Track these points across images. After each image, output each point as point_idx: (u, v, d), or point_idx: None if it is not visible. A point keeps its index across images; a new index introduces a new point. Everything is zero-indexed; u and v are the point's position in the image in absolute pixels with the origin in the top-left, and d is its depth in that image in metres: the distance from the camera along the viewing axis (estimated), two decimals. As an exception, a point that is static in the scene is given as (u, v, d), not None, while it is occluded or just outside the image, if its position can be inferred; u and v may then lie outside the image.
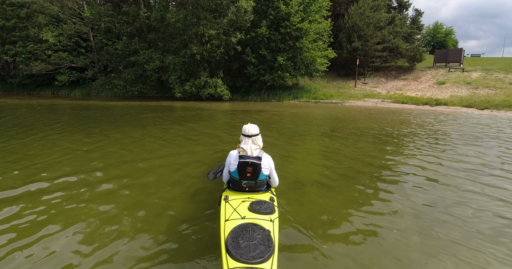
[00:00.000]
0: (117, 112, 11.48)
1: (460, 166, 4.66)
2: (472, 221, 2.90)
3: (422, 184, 3.90)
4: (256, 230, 1.97)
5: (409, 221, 2.88)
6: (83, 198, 3.31)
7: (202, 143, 6.04)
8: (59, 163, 4.55)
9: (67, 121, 9.18)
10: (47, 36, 21.37)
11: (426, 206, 3.22)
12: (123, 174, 4.11)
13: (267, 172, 2.55)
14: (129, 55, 19.31)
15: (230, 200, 2.38)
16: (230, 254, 1.76)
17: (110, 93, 21.87)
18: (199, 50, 15.51)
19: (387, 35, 22.90)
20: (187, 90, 16.81)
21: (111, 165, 4.50)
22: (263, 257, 1.73)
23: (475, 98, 16.23)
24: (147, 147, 5.67)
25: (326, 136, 7.14)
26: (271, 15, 16.73)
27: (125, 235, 2.55)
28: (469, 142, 6.54)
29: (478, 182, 3.96)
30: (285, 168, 4.45)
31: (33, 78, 25.87)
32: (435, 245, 2.48)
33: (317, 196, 3.45)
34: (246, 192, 2.53)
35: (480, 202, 3.32)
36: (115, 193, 3.45)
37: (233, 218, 2.13)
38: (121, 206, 3.10)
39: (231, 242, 1.85)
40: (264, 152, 2.59)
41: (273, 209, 2.25)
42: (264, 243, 1.85)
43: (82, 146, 5.70)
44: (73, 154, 5.08)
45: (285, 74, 17.33)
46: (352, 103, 17.04)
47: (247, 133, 2.57)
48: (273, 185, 2.81)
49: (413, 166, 4.67)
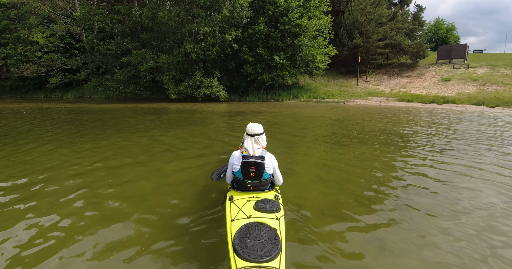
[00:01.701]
0: (105, 117, 10.73)
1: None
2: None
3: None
4: (263, 228, 1.96)
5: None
6: (78, 204, 3.15)
7: (183, 157, 5.29)
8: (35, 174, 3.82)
9: (46, 127, 8.43)
10: (36, 37, 20.63)
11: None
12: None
13: (270, 171, 2.52)
14: (122, 56, 18.56)
15: (235, 200, 2.36)
16: (238, 254, 1.76)
17: (103, 95, 21.15)
18: (193, 48, 14.75)
19: (389, 31, 22.14)
20: (182, 91, 16.05)
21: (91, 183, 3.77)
22: (271, 256, 1.72)
23: (483, 95, 15.49)
24: (120, 162, 4.93)
25: (330, 143, 6.39)
26: (269, 11, 15.97)
27: (128, 237, 2.49)
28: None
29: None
30: (285, 187, 3.71)
31: (26, 81, 25.19)
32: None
33: (323, 194, 3.36)
34: (250, 192, 2.50)
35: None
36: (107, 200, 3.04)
37: (239, 218, 2.12)
38: (122, 209, 3.01)
39: (238, 241, 1.85)
40: (267, 151, 2.54)
41: (279, 207, 2.24)
42: (271, 242, 1.84)
43: (55, 159, 4.96)
44: (43, 167, 4.35)
45: (284, 73, 16.51)
46: (354, 102, 16.28)
47: (250, 132, 2.53)
48: (277, 184, 2.77)
49: (451, 175, 3.94)
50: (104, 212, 2.95)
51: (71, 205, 3.10)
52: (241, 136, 6.31)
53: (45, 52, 21.73)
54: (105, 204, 3.13)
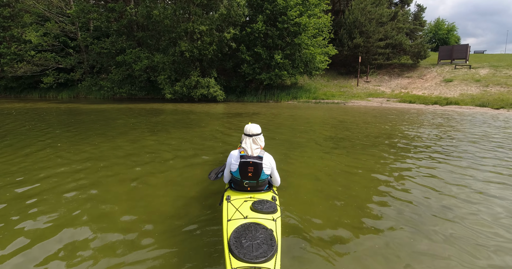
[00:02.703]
0: (94, 118, 10.27)
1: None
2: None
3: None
4: (259, 229, 1.95)
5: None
6: (73, 204, 3.13)
7: (168, 169, 4.85)
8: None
9: (26, 130, 7.99)
10: (30, 36, 20.14)
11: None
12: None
13: (268, 171, 2.51)
14: (117, 55, 18.09)
15: (232, 200, 2.35)
16: (233, 254, 1.74)
17: (98, 95, 20.68)
18: (188, 47, 14.28)
19: (389, 31, 21.74)
20: (177, 91, 15.58)
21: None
22: (266, 257, 1.71)
23: (487, 96, 15.10)
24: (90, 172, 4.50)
25: (331, 148, 5.97)
26: (268, 9, 15.55)
27: (125, 236, 2.48)
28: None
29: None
30: (282, 188, 3.30)
31: (20, 81, 24.70)
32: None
33: (321, 197, 3.32)
34: (248, 192, 2.49)
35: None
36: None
37: (235, 218, 2.10)
38: (120, 210, 2.99)
39: (234, 242, 1.84)
40: (265, 151, 2.53)
41: (275, 208, 2.22)
42: (267, 243, 1.83)
43: (31, 162, 4.52)
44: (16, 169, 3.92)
45: (283, 73, 16.06)
46: (355, 103, 15.87)
47: (248, 133, 2.53)
48: (275, 184, 2.75)
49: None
50: (99, 212, 2.91)
51: (61, 208, 3.02)
52: (234, 146, 5.89)
53: (39, 51, 21.22)
54: (102, 205, 3.08)
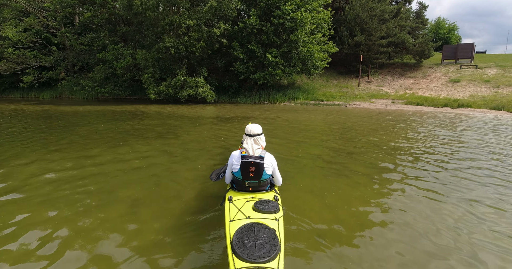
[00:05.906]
0: (58, 123, 8.90)
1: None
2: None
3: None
4: (261, 229, 1.93)
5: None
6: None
7: (108, 208, 3.53)
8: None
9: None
10: (7, 32, 18.67)
11: None
12: None
13: (270, 171, 2.49)
14: (99, 52, 16.68)
15: (234, 201, 2.33)
16: (236, 254, 1.74)
17: (81, 95, 19.24)
18: (173, 43, 12.91)
19: (392, 28, 20.52)
20: (162, 91, 14.19)
21: None
22: (269, 256, 1.70)
23: (500, 98, 13.89)
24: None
25: (335, 173, 4.67)
26: (262, 2, 14.22)
27: (126, 239, 2.41)
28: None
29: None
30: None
31: (1, 80, 23.21)
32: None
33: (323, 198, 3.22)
34: (249, 192, 2.46)
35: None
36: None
37: (238, 218, 2.08)
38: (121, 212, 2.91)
39: (237, 242, 1.83)
40: (266, 151, 2.50)
41: (278, 208, 2.20)
42: (270, 242, 1.82)
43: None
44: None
45: (277, 72, 14.64)
46: (357, 104, 14.58)
47: (249, 133, 2.51)
48: (277, 184, 2.72)
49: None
50: (101, 215, 2.81)
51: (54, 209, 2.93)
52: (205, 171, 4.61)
53: (17, 48, 19.76)
54: (102, 207, 2.98)
